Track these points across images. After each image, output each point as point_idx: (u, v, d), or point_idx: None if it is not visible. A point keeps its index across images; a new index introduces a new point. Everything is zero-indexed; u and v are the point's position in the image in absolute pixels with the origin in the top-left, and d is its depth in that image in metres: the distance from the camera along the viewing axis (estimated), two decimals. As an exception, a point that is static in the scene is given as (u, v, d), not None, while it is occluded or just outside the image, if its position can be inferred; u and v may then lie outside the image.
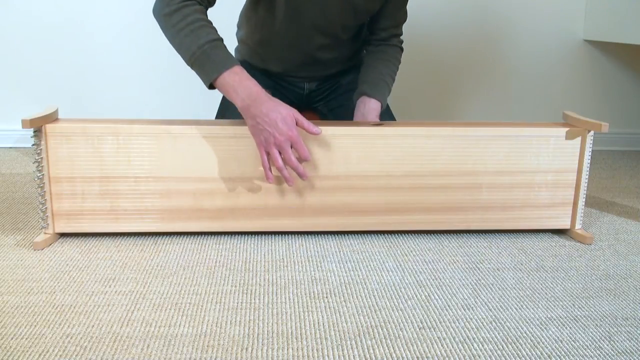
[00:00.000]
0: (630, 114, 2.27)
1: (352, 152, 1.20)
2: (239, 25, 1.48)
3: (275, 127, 1.08)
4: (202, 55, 1.11)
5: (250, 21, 1.39)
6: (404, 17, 1.43)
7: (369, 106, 1.33)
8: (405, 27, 1.48)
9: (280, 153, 1.10)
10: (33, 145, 1.16)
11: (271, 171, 1.13)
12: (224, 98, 1.47)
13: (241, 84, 1.10)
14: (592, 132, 1.24)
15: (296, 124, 1.10)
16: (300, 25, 1.31)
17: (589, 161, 1.26)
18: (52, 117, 1.19)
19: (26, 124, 1.10)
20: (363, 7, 1.31)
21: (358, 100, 1.36)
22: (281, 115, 1.08)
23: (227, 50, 1.14)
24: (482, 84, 2.19)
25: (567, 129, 1.25)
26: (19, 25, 2.00)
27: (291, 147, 1.10)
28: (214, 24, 1.16)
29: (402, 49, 1.46)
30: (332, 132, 1.19)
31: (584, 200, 1.28)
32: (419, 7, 2.08)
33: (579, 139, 1.25)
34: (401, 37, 1.46)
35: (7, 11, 1.99)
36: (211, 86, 1.14)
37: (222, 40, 1.14)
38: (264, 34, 1.37)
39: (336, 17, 1.30)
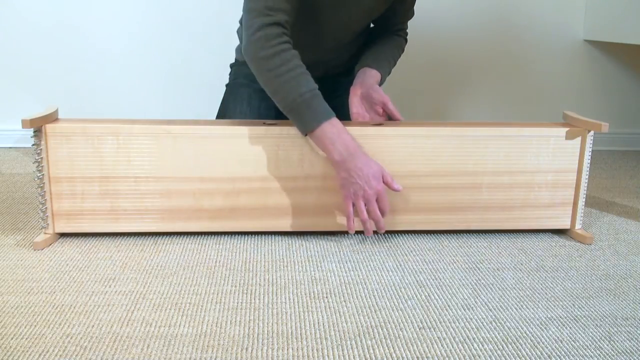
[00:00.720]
0: (630, 114, 2.27)
1: (352, 152, 1.20)
2: (242, 23, 1.47)
3: (367, 181, 1.12)
4: (303, 103, 1.12)
5: None
6: (411, 15, 1.45)
7: (369, 73, 1.35)
8: (407, 41, 1.49)
9: (366, 205, 1.14)
10: (33, 145, 1.16)
11: (353, 222, 1.16)
12: (224, 98, 1.47)
13: (339, 137, 1.13)
14: (592, 132, 1.24)
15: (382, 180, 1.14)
16: (315, 27, 1.30)
17: (589, 161, 1.26)
18: (52, 117, 1.19)
19: (26, 124, 1.10)
20: (376, 9, 1.32)
21: (359, 71, 1.37)
22: (372, 170, 1.12)
23: (324, 100, 1.15)
24: (482, 83, 2.19)
25: (567, 129, 1.25)
26: (19, 25, 2.00)
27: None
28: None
29: (406, 41, 1.48)
30: (332, 132, 1.19)
31: (584, 200, 1.28)
32: (419, 7, 2.07)
33: (579, 139, 1.25)
34: (407, 30, 1.48)
35: (7, 11, 1.99)
36: (306, 134, 1.16)
37: (318, 90, 1.15)
38: None
39: (355, 24, 1.32)
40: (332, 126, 1.13)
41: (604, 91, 2.24)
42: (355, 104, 1.34)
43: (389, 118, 1.32)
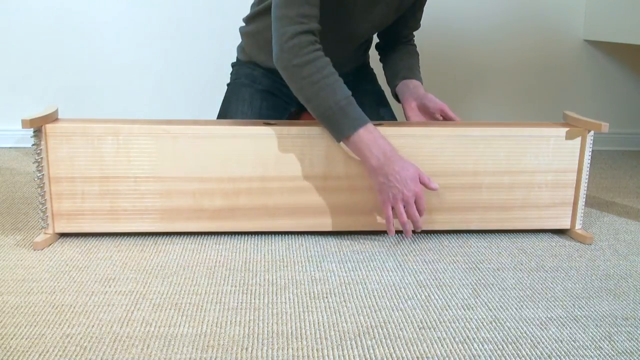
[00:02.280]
0: (630, 114, 2.27)
1: (352, 152, 1.20)
2: (250, 19, 1.45)
3: (405, 184, 1.12)
4: (339, 110, 1.12)
5: (269, 19, 1.36)
6: (419, 25, 1.47)
7: (414, 84, 1.38)
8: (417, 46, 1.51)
9: (405, 207, 1.14)
10: (33, 145, 1.16)
11: (393, 224, 1.17)
12: (226, 98, 1.47)
13: (376, 142, 1.13)
14: (592, 132, 1.24)
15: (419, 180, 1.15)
16: (324, 35, 1.27)
17: (589, 161, 1.26)
18: (52, 117, 1.19)
19: (26, 124, 1.10)
20: (385, 22, 1.34)
21: (400, 84, 1.40)
22: (409, 172, 1.13)
23: (359, 108, 1.15)
24: (481, 84, 2.19)
25: (567, 129, 1.25)
26: (19, 25, 2.00)
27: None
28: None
29: (416, 46, 1.51)
30: (332, 132, 1.19)
31: (584, 200, 1.28)
32: (419, 7, 2.08)
33: (579, 139, 1.25)
34: (414, 38, 1.51)
35: (7, 11, 1.99)
36: (340, 140, 1.16)
37: (352, 96, 1.15)
38: None
39: (359, 29, 1.33)
40: (368, 132, 1.13)
41: (604, 91, 2.24)
42: (414, 117, 1.36)
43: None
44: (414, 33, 1.49)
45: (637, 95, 2.26)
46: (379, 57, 1.52)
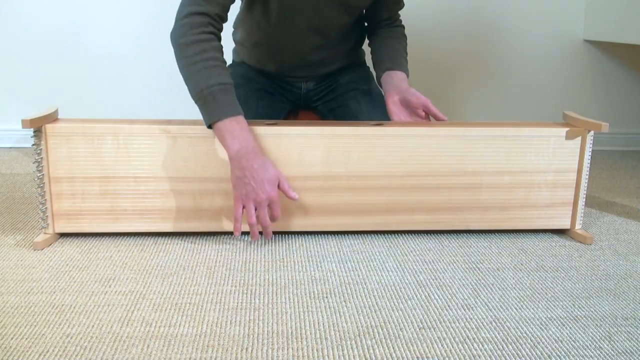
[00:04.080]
0: (630, 114, 2.27)
1: (352, 152, 1.20)
2: (235, 27, 1.49)
3: (261, 185, 1.09)
4: (210, 95, 1.11)
5: (245, 24, 1.41)
6: (402, 5, 1.45)
7: (398, 76, 1.35)
8: (404, 27, 1.49)
9: (256, 209, 1.11)
10: (33, 145, 1.16)
11: (240, 224, 1.13)
12: None
13: (240, 134, 1.11)
14: (592, 132, 1.24)
15: (278, 186, 1.12)
16: (295, 27, 1.31)
17: (589, 161, 1.26)
18: (52, 117, 1.19)
19: (26, 124, 1.10)
20: (354, 3, 1.31)
21: (384, 76, 1.37)
22: (268, 174, 1.10)
23: (235, 97, 1.14)
24: (482, 84, 2.19)
25: (567, 129, 1.25)
26: (18, 26, 2.00)
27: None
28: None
29: (404, 27, 1.48)
30: (332, 132, 1.19)
31: (584, 200, 1.28)
32: (419, 7, 2.08)
33: (579, 139, 1.25)
34: (400, 19, 1.48)
35: (7, 12, 1.99)
36: (209, 126, 1.14)
37: (232, 85, 1.14)
38: (260, 36, 1.38)
39: (329, 16, 1.31)
40: (235, 122, 1.11)
41: (604, 91, 2.24)
42: (396, 112, 1.33)
43: (430, 120, 1.33)
44: (400, 13, 1.46)
45: (637, 95, 2.26)
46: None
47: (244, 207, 1.12)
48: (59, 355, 0.82)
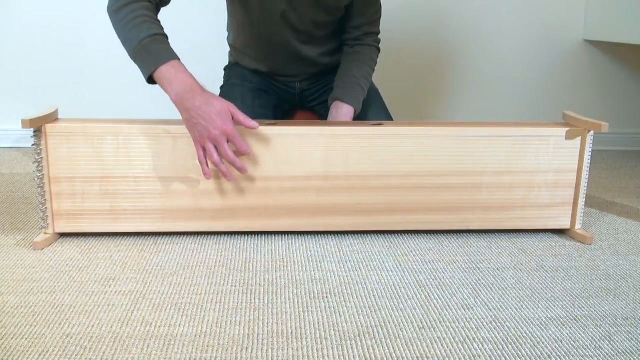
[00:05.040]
0: (630, 114, 2.27)
1: (352, 152, 1.20)
2: (228, 30, 1.51)
3: (210, 120, 1.06)
4: (142, 49, 1.11)
5: (233, 26, 1.43)
6: (377, 13, 1.41)
7: (342, 111, 1.34)
8: (405, 27, 1.48)
9: (216, 148, 1.09)
10: (33, 145, 1.16)
11: (208, 166, 1.11)
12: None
13: (177, 77, 1.09)
14: (592, 132, 1.24)
15: (232, 118, 1.09)
16: (274, 24, 1.32)
17: (589, 161, 1.26)
18: (52, 117, 1.19)
19: (26, 124, 1.10)
20: (329, 1, 1.31)
21: (332, 105, 1.36)
22: (215, 108, 1.07)
23: (168, 45, 1.13)
24: (482, 84, 2.19)
25: (567, 129, 1.25)
26: (18, 25, 2.00)
27: (228, 142, 1.09)
28: (166, 23, 1.16)
29: (378, 49, 1.44)
30: (332, 132, 1.19)
31: (584, 200, 1.28)
32: (421, 7, 2.08)
33: (579, 139, 1.25)
34: (378, 37, 1.44)
35: (6, 11, 1.99)
36: (150, 81, 1.13)
37: (164, 35, 1.13)
38: (246, 36, 1.40)
39: (304, 12, 1.31)
40: (170, 67, 1.10)
41: (604, 91, 2.24)
42: None
43: None
44: (376, 31, 1.41)
45: (637, 95, 2.26)
46: None
47: (205, 149, 1.10)
48: (59, 355, 0.82)
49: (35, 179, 1.19)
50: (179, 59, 1.12)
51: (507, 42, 2.15)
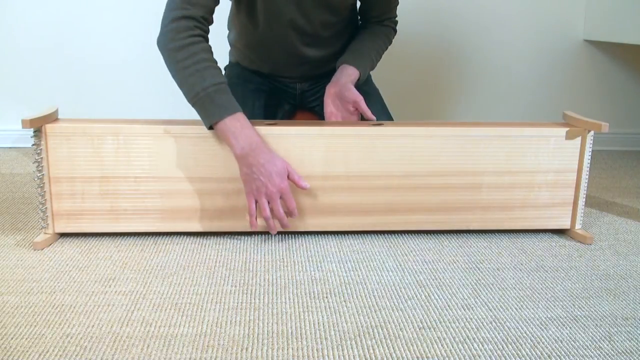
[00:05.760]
0: (630, 114, 2.27)
1: (352, 152, 1.20)
2: (229, 29, 1.50)
3: (270, 178, 1.11)
4: (206, 97, 1.11)
5: (236, 26, 1.42)
6: (395, 1, 1.43)
7: (346, 71, 1.34)
8: (405, 26, 1.48)
9: (269, 203, 1.13)
10: (33, 145, 1.16)
11: (256, 219, 1.15)
12: None
13: (242, 131, 1.11)
14: (592, 132, 1.24)
15: (287, 177, 1.13)
16: (280, 26, 1.32)
17: (589, 161, 1.26)
18: (52, 117, 1.19)
19: (26, 124, 1.11)
20: (336, 1, 1.31)
21: (338, 67, 1.36)
22: (276, 167, 1.11)
23: (231, 95, 1.14)
24: (482, 83, 2.19)
25: (567, 129, 1.25)
26: (18, 25, 2.00)
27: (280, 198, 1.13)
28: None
29: (395, 30, 1.46)
30: (332, 132, 1.19)
31: (584, 200, 1.28)
32: (420, 6, 2.08)
33: (579, 139, 1.25)
34: (395, 19, 1.46)
35: (6, 11, 1.99)
36: (210, 127, 1.14)
37: (226, 83, 1.14)
38: (249, 37, 1.39)
39: (314, 15, 1.31)
40: (235, 120, 1.11)
41: (604, 91, 2.24)
42: (329, 103, 1.33)
43: (362, 117, 1.31)
44: (393, 15, 1.44)
45: (637, 95, 2.26)
46: None
47: (257, 203, 1.13)
48: (59, 355, 0.82)
49: (35, 179, 1.19)
50: (242, 112, 1.13)
51: (507, 42, 2.15)
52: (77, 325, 0.90)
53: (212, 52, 1.16)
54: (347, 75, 1.33)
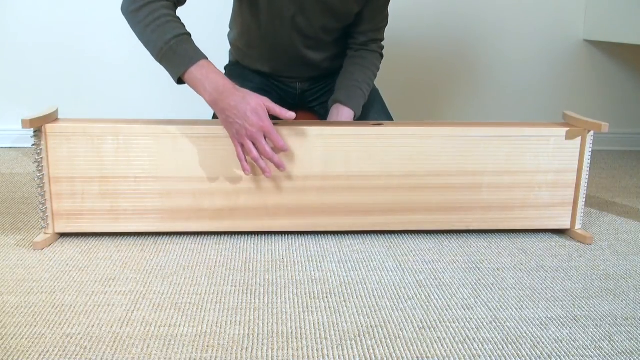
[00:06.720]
0: (630, 114, 2.27)
1: (352, 152, 1.20)
2: (230, 28, 1.50)
3: (245, 119, 1.07)
4: (169, 50, 1.10)
5: (237, 25, 1.42)
6: (384, 21, 1.42)
7: (342, 114, 1.34)
8: (405, 26, 1.48)
9: (254, 144, 1.09)
10: (33, 145, 1.16)
11: (247, 162, 1.12)
12: None
13: (208, 77, 1.09)
14: (592, 132, 1.24)
15: (269, 113, 1.09)
16: (283, 27, 1.32)
17: (589, 161, 1.26)
18: (52, 117, 1.19)
19: (26, 124, 1.10)
20: (340, 8, 1.31)
21: (332, 107, 1.36)
22: (250, 106, 1.07)
23: (194, 45, 1.12)
24: (482, 84, 2.19)
25: (567, 129, 1.25)
26: (18, 25, 2.00)
27: (266, 138, 1.10)
28: (185, 21, 1.15)
29: (381, 55, 1.45)
30: (332, 132, 1.19)
31: (584, 200, 1.28)
32: (421, 6, 2.08)
33: (579, 139, 1.25)
34: (382, 43, 1.45)
35: (6, 11, 1.99)
36: (180, 81, 1.13)
37: (189, 34, 1.13)
38: (251, 37, 1.39)
39: (315, 18, 1.31)
40: (200, 67, 1.09)
41: (604, 91, 2.24)
42: None
43: None
44: (381, 37, 1.42)
45: (637, 95, 2.26)
46: None
47: (243, 146, 1.10)
48: (59, 355, 0.82)
49: (35, 179, 1.19)
50: (207, 58, 1.11)
51: (507, 43, 2.15)
52: (77, 325, 0.90)
53: (172, 9, 1.14)
54: (344, 118, 1.34)
